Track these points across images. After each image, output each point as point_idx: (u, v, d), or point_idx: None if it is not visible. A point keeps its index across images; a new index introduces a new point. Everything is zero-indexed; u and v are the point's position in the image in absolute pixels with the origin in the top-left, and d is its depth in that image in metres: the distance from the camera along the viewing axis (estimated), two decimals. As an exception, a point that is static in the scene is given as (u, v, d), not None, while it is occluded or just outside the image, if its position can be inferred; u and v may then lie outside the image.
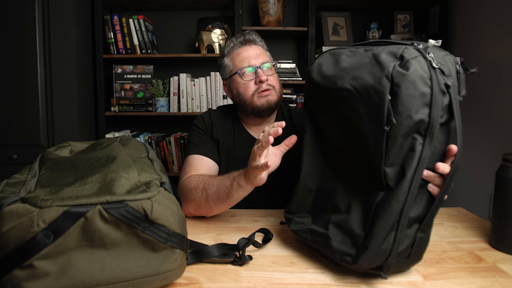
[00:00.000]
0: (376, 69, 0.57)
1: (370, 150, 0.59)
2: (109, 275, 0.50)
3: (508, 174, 0.70)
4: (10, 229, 0.46)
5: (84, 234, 0.49)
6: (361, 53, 0.63)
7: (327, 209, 0.67)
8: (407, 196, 0.55)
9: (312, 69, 0.72)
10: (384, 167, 0.57)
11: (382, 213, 0.56)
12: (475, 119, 1.87)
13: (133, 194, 0.51)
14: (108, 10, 2.22)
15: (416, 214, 0.56)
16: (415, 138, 0.55)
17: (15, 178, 0.59)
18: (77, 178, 0.55)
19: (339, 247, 0.61)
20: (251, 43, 1.09)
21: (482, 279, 0.62)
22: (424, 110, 0.54)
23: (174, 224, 0.54)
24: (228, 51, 1.10)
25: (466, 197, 1.92)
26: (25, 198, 0.48)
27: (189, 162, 1.04)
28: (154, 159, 0.69)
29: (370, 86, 0.57)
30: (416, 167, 0.54)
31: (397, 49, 0.56)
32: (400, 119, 0.54)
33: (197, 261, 0.66)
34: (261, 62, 1.06)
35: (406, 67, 0.54)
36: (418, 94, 0.53)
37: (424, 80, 0.53)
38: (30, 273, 0.47)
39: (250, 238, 0.69)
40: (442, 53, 0.57)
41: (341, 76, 0.63)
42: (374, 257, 0.56)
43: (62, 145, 0.71)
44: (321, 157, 0.72)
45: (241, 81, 1.06)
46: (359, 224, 0.60)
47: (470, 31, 1.95)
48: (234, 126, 1.14)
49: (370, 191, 0.60)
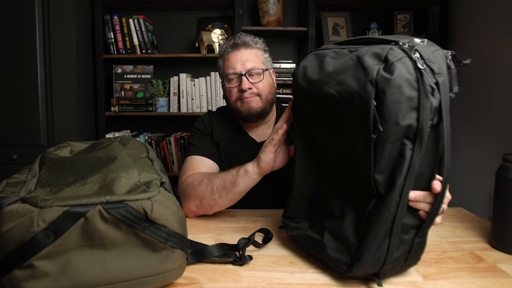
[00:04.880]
0: (360, 74, 0.54)
1: (359, 157, 0.57)
2: (109, 275, 0.50)
3: (508, 174, 0.70)
4: (10, 229, 0.46)
5: (84, 234, 0.49)
6: (345, 55, 0.60)
7: (322, 214, 0.66)
8: (399, 204, 0.53)
9: (297, 72, 0.69)
10: (374, 174, 0.55)
11: (374, 222, 0.54)
12: (475, 119, 1.87)
13: (133, 194, 0.51)
14: (108, 10, 2.21)
15: (413, 222, 0.55)
16: (404, 143, 0.52)
17: (15, 178, 0.59)
18: (77, 178, 0.55)
19: (334, 255, 0.60)
20: (241, 46, 1.07)
21: (482, 279, 0.62)
22: (412, 115, 0.51)
23: (174, 224, 0.54)
24: (221, 53, 1.11)
25: (466, 197, 1.92)
26: (25, 198, 0.48)
27: (189, 162, 1.05)
28: (154, 159, 0.69)
29: (355, 92, 0.54)
30: (406, 174, 0.52)
31: (382, 50, 0.53)
32: (387, 125, 0.51)
33: (197, 261, 0.66)
34: (247, 68, 1.04)
35: (391, 71, 0.51)
36: (404, 99, 0.50)
37: (411, 83, 0.50)
38: (30, 273, 0.47)
39: (250, 238, 0.69)
40: (431, 48, 0.54)
41: (325, 81, 0.60)
42: (369, 266, 0.55)
43: (62, 145, 0.71)
44: (313, 162, 0.70)
45: (226, 87, 1.08)
46: (352, 231, 0.59)
47: (470, 31, 1.95)
48: (233, 128, 1.15)
49: (362, 198, 0.58)
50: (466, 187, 1.93)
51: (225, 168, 1.09)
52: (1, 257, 0.47)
